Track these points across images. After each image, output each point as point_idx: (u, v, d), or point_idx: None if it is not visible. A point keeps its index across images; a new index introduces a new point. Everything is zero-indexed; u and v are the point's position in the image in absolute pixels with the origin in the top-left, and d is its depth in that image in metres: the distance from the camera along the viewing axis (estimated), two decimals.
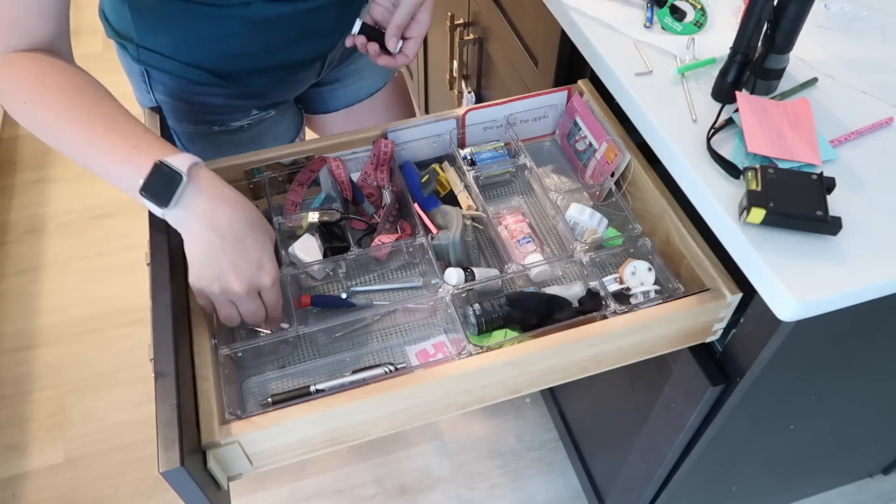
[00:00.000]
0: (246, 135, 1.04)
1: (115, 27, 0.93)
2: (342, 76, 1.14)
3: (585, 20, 0.94)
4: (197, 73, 0.92)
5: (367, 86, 1.18)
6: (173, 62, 0.91)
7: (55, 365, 1.80)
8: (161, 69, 0.93)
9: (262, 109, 1.03)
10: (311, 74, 1.05)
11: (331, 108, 1.18)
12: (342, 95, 1.17)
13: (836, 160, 0.77)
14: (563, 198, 0.93)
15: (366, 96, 1.19)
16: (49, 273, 2.00)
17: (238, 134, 1.03)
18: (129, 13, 0.89)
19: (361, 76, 1.16)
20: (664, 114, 0.81)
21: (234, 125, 1.02)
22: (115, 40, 0.95)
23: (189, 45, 0.90)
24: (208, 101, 0.97)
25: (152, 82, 0.95)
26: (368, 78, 1.17)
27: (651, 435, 1.05)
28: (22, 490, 1.58)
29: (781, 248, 0.69)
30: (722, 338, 0.83)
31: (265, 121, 1.05)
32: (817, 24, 0.93)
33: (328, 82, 1.14)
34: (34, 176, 2.27)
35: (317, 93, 1.16)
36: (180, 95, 0.96)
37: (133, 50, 0.92)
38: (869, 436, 1.28)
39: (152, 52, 0.91)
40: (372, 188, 0.95)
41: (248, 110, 1.02)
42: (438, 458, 1.63)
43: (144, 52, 0.91)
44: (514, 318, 0.80)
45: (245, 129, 1.03)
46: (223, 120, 1.01)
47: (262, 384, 0.81)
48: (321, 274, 0.89)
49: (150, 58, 0.92)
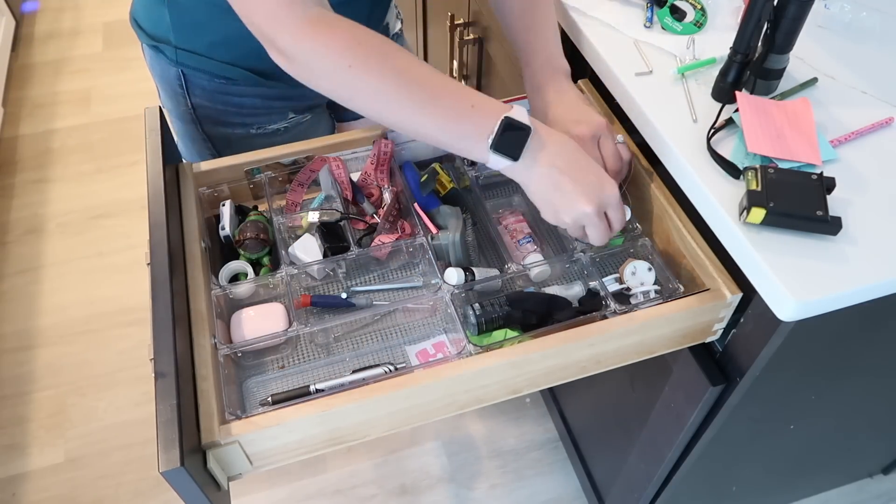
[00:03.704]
0: (282, 138, 1.04)
1: (151, 31, 0.94)
2: None
3: (585, 20, 0.94)
4: (235, 71, 0.93)
5: None
6: (212, 62, 0.92)
7: (55, 365, 1.80)
8: (200, 69, 0.93)
9: (298, 113, 1.04)
10: None
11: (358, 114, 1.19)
12: None
13: (836, 160, 0.77)
14: None
15: None
16: (49, 273, 2.00)
17: (274, 137, 1.03)
18: (167, 14, 0.89)
19: None
20: (664, 114, 0.81)
21: (272, 128, 1.02)
22: (150, 45, 0.95)
23: (227, 44, 0.91)
24: (246, 103, 0.98)
25: (189, 86, 0.95)
26: None
27: (651, 435, 1.05)
28: (22, 490, 1.58)
29: (781, 248, 0.69)
30: (722, 338, 0.83)
31: (301, 125, 1.06)
32: (817, 24, 0.93)
33: None
34: (34, 176, 2.27)
35: None
36: (218, 97, 0.97)
37: (171, 52, 0.93)
38: (869, 436, 1.28)
39: (191, 52, 0.92)
40: (372, 188, 0.95)
41: (285, 113, 1.02)
42: (438, 458, 1.63)
43: (183, 54, 0.92)
44: (514, 318, 0.80)
45: (282, 132, 1.04)
46: (261, 122, 1.01)
47: (262, 384, 0.81)
48: (321, 274, 0.89)
49: (189, 58, 0.93)
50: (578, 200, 0.74)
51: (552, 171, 0.74)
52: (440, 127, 0.72)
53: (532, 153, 0.73)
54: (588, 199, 0.74)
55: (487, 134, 0.71)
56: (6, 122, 2.41)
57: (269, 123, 1.02)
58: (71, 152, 2.35)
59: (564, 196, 0.74)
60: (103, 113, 2.48)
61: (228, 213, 0.89)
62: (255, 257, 0.87)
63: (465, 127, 0.72)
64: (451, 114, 0.72)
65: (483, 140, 0.72)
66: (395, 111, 0.71)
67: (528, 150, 0.73)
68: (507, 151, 0.72)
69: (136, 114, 2.42)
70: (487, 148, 0.72)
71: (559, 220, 0.77)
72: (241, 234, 0.87)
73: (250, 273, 0.86)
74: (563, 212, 0.76)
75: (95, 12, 2.88)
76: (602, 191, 0.75)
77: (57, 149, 2.36)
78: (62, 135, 2.41)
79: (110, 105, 2.50)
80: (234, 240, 0.89)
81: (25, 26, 2.80)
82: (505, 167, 0.74)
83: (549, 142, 0.74)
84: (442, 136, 0.73)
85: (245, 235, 0.87)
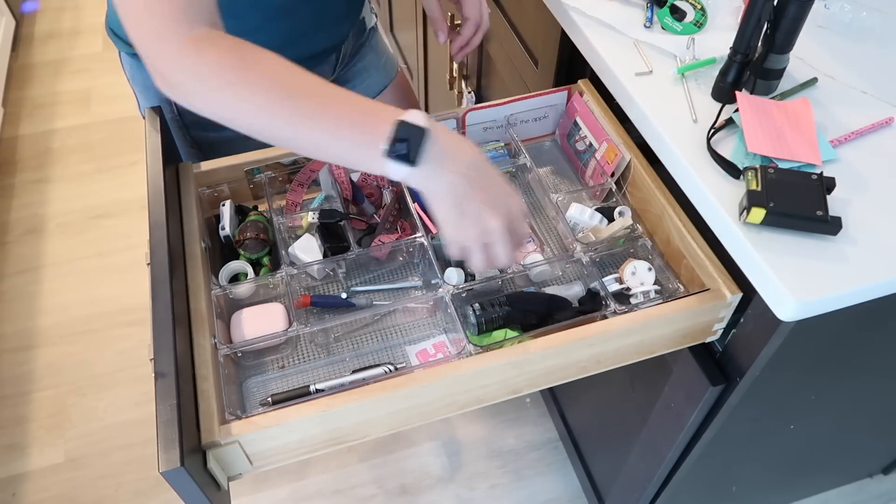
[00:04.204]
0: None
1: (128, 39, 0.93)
2: (352, 76, 1.15)
3: (585, 20, 0.94)
4: None
5: (374, 84, 1.19)
6: None
7: (55, 365, 1.80)
8: None
9: None
10: (327, 69, 1.06)
11: None
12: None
13: (836, 160, 0.77)
14: (563, 198, 0.93)
15: (374, 95, 1.19)
16: (49, 273, 2.00)
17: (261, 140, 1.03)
18: None
19: (368, 74, 1.17)
20: (664, 114, 0.81)
21: None
22: (129, 52, 0.93)
23: None
24: None
25: None
26: (374, 75, 1.18)
27: (651, 435, 1.05)
28: (22, 490, 1.58)
29: (781, 248, 0.69)
30: (722, 338, 0.83)
31: None
32: (817, 24, 0.93)
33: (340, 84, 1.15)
34: (34, 176, 2.27)
35: None
36: None
37: None
38: (869, 436, 1.28)
39: None
40: (372, 188, 0.95)
41: None
42: (438, 458, 1.63)
43: None
44: (514, 318, 0.80)
45: None
46: None
47: (262, 384, 0.81)
48: (321, 274, 0.89)
49: None
50: (487, 213, 0.67)
51: (458, 179, 0.66)
52: (332, 136, 0.66)
53: (434, 159, 0.66)
54: (497, 211, 0.68)
55: (382, 140, 0.65)
56: (6, 122, 2.41)
57: None
58: (71, 152, 2.35)
59: (472, 208, 0.67)
60: (103, 113, 2.48)
61: (228, 213, 0.89)
62: (255, 257, 0.87)
63: (358, 134, 0.66)
64: (343, 122, 0.66)
65: (377, 147, 0.65)
66: (281, 126, 0.67)
67: (428, 156, 0.65)
68: (403, 157, 0.65)
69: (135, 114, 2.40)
70: (383, 155, 0.65)
71: (462, 235, 0.68)
72: (241, 234, 0.87)
73: (250, 273, 0.86)
74: (469, 226, 0.68)
75: (95, 12, 2.88)
76: (510, 204, 0.69)
77: (57, 149, 2.36)
78: (62, 135, 2.41)
79: (110, 105, 2.50)
80: (234, 240, 0.89)
81: (25, 26, 2.80)
82: (405, 175, 0.66)
83: (452, 147, 0.67)
84: (334, 148, 0.67)
85: (245, 235, 0.87)
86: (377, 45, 1.18)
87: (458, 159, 0.67)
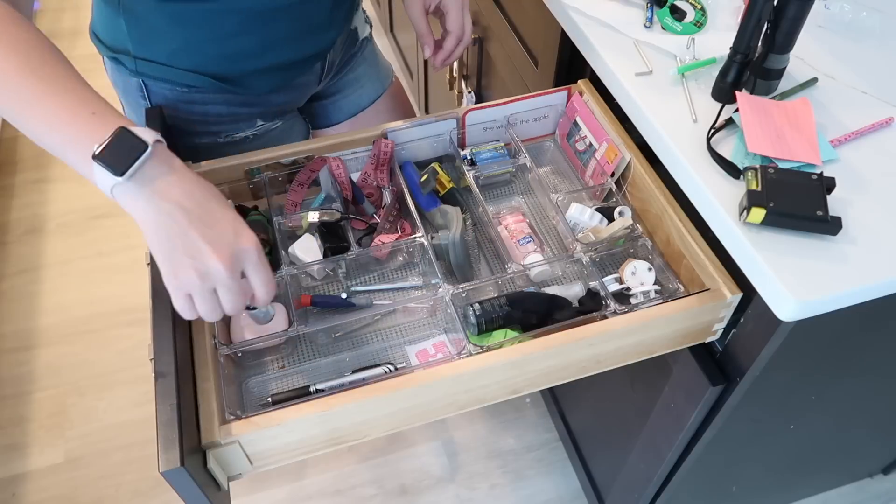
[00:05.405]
0: (251, 146, 1.01)
1: (109, 44, 0.91)
2: (343, 86, 1.15)
3: (585, 20, 0.94)
4: (197, 78, 0.91)
5: (367, 94, 1.18)
6: (173, 70, 0.90)
7: (55, 365, 1.80)
8: (160, 79, 0.91)
9: (267, 119, 1.02)
10: (312, 79, 1.05)
11: (334, 120, 1.18)
12: (344, 106, 1.17)
13: (836, 160, 0.77)
14: (563, 198, 0.93)
15: (367, 104, 1.18)
16: (49, 273, 2.00)
17: (243, 145, 1.01)
18: (124, 25, 0.87)
19: (361, 84, 1.16)
20: (664, 114, 0.81)
21: (240, 136, 1.01)
22: (110, 56, 0.93)
23: (187, 51, 0.89)
24: (211, 111, 0.96)
25: (152, 96, 0.93)
26: (368, 86, 1.17)
27: (651, 435, 1.05)
28: (22, 490, 1.58)
29: (781, 248, 0.69)
30: (722, 338, 0.83)
31: (272, 132, 1.04)
32: (817, 24, 0.93)
33: (330, 94, 1.14)
34: (34, 176, 2.27)
35: (320, 106, 1.16)
36: (182, 106, 0.95)
37: (130, 62, 0.90)
38: (869, 436, 1.28)
39: (150, 61, 0.90)
40: (372, 188, 0.95)
41: (253, 120, 1.01)
42: (438, 458, 1.63)
43: (142, 63, 0.90)
44: (514, 318, 0.80)
45: (251, 139, 1.02)
46: (228, 130, 0.99)
47: (262, 384, 0.81)
48: (321, 274, 0.89)
49: (149, 68, 0.90)
50: (206, 252, 0.61)
51: (176, 210, 0.61)
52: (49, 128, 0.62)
53: (147, 180, 0.61)
54: (220, 251, 0.61)
55: (96, 142, 0.60)
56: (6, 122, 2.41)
57: (237, 132, 1.00)
58: None
59: (187, 243, 0.61)
60: None
61: None
62: None
63: (76, 131, 0.61)
64: (66, 115, 0.62)
65: (89, 147, 0.60)
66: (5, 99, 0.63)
67: (144, 175, 0.61)
68: (110, 163, 0.59)
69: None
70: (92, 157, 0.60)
71: (180, 275, 0.62)
72: None
73: None
74: (186, 265, 0.61)
75: None
76: (237, 243, 0.63)
77: None
78: None
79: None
80: None
81: None
82: (110, 185, 0.61)
83: (175, 175, 0.62)
84: (52, 140, 0.63)
85: None
86: (371, 56, 1.16)
87: (178, 186, 0.62)
